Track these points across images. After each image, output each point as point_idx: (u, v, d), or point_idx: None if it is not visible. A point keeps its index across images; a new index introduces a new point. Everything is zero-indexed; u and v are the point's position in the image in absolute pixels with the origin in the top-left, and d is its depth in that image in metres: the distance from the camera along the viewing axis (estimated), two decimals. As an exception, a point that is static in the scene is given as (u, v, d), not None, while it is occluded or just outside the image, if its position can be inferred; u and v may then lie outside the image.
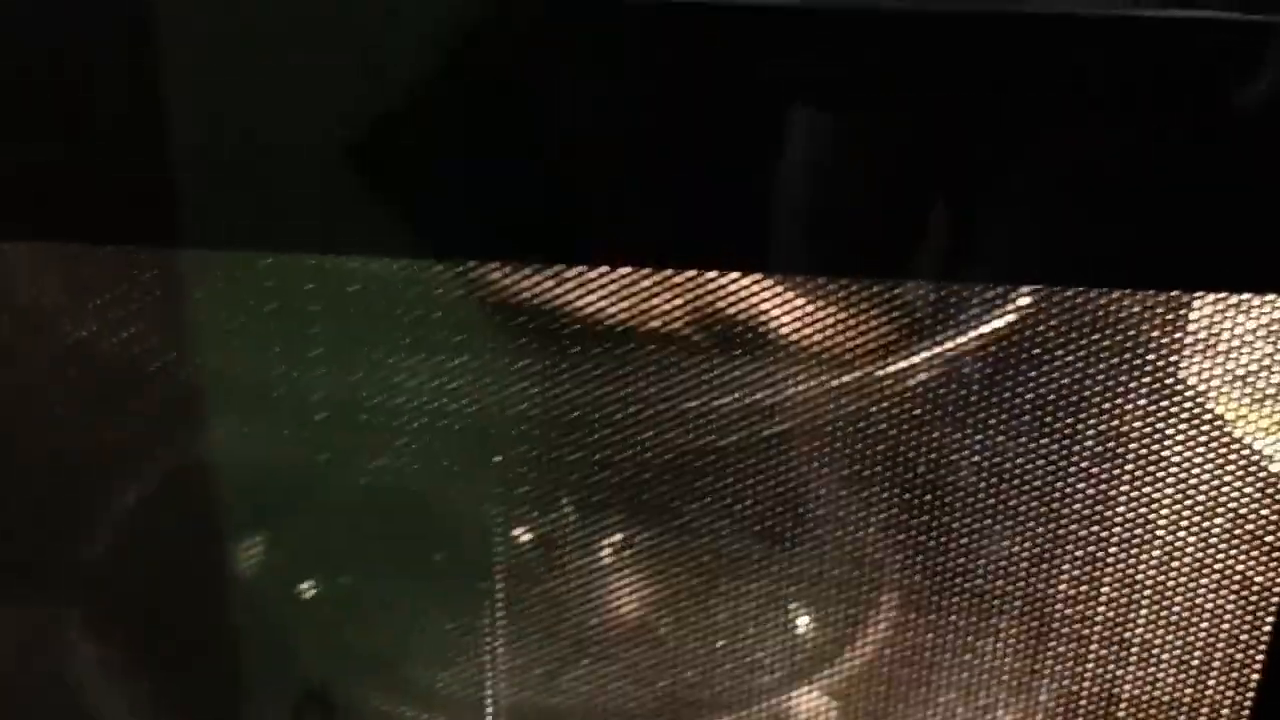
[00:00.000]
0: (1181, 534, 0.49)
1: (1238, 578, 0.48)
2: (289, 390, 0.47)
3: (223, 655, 0.54)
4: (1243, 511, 0.48)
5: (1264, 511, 0.48)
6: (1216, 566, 0.48)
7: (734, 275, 0.44)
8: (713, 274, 0.44)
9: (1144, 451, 0.48)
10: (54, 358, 0.49)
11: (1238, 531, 0.48)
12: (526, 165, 0.39)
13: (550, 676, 0.53)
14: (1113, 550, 0.50)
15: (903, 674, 0.54)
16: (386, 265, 0.45)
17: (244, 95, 0.38)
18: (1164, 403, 0.48)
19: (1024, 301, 0.47)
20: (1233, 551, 0.48)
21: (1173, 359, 0.47)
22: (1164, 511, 0.49)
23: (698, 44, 0.37)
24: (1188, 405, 0.48)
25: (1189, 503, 0.48)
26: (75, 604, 0.56)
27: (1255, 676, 0.48)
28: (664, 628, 0.53)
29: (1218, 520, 0.48)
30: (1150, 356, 0.47)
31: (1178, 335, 0.46)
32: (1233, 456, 0.48)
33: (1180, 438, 0.48)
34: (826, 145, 0.39)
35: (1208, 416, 0.48)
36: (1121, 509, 0.49)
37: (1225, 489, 0.48)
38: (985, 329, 0.48)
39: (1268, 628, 0.47)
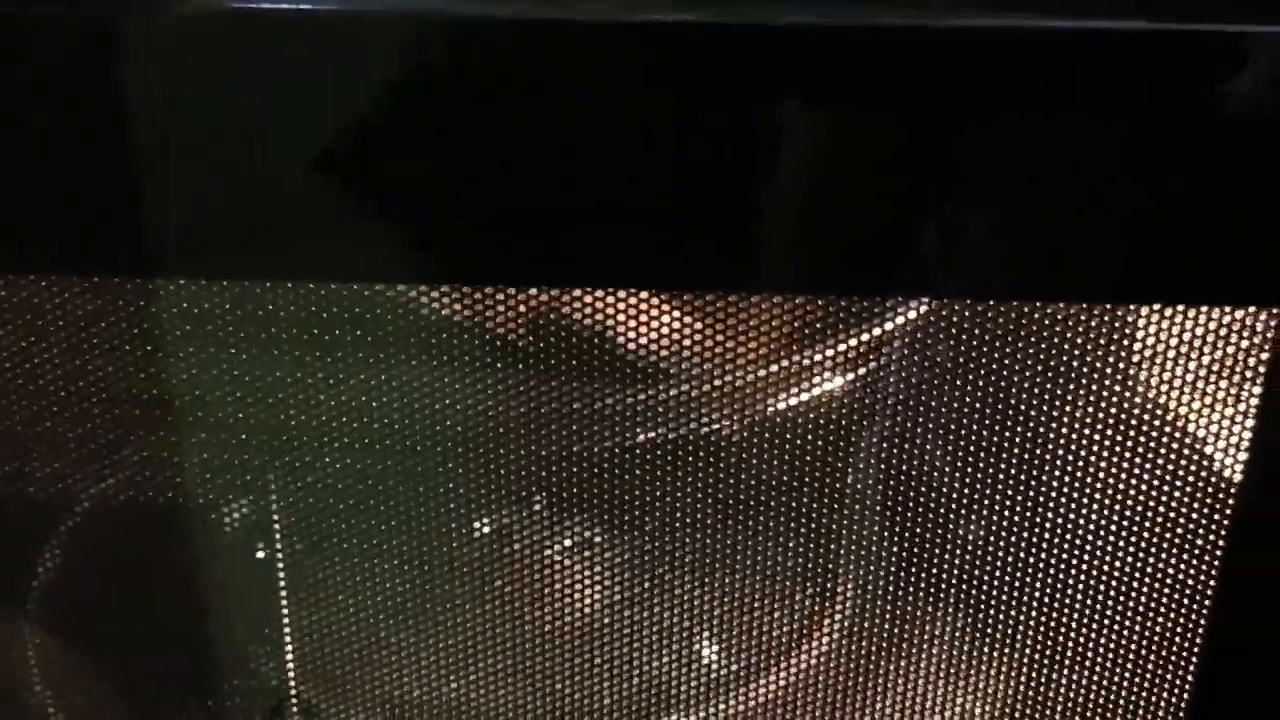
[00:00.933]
0: (1121, 533, 0.49)
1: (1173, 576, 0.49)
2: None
3: (193, 662, 0.55)
4: (1181, 509, 0.48)
5: (1202, 508, 0.48)
6: (1151, 565, 0.49)
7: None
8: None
9: (1085, 449, 0.49)
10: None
11: (1177, 530, 0.49)
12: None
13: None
14: (1051, 550, 0.50)
15: (836, 687, 0.54)
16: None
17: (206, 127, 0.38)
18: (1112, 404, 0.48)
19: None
20: (1167, 549, 0.49)
21: (1119, 363, 0.48)
22: (1104, 509, 0.49)
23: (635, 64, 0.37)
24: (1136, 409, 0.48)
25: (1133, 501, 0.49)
26: (34, 619, 0.56)
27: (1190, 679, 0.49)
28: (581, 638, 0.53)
29: (1157, 518, 0.49)
30: (1095, 361, 0.47)
31: (1124, 341, 0.47)
32: (1174, 455, 0.48)
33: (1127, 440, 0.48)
34: (782, 161, 0.39)
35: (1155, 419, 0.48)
36: (1063, 507, 0.50)
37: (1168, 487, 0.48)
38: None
39: (1203, 626, 0.48)
